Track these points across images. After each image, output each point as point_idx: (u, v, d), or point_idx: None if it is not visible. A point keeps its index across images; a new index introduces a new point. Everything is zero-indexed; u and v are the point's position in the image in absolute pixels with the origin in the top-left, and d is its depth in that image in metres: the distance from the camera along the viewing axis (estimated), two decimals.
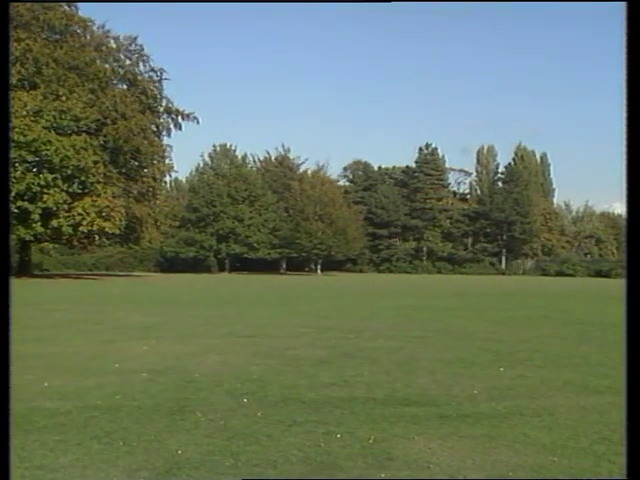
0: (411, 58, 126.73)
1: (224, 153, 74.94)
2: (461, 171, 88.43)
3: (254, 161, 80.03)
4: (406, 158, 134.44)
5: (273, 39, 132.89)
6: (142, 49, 45.98)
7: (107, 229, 39.36)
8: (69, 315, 15.89)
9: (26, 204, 36.39)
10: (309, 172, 77.14)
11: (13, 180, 34.01)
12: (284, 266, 73.00)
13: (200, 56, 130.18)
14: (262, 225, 67.66)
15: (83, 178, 38.26)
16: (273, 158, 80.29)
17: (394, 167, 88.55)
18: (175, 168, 54.15)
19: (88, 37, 44.45)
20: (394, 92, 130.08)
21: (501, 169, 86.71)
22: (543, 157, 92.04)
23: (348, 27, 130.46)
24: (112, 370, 7.94)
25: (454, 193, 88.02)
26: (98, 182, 39.14)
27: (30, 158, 36.38)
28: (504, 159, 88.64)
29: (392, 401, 6.34)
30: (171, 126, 49.10)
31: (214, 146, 75.20)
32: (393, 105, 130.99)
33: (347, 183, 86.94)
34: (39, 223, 37.69)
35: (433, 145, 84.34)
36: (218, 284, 38.89)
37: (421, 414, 5.82)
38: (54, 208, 37.17)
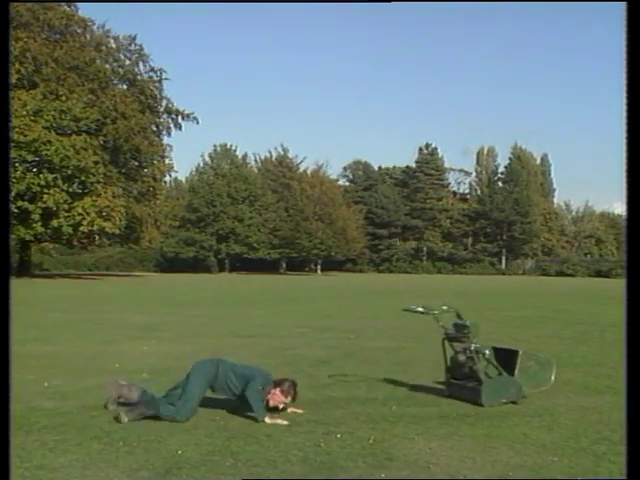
0: (411, 58, 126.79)
1: (224, 153, 74.92)
2: (461, 171, 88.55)
3: (254, 161, 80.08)
4: (406, 158, 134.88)
5: (273, 39, 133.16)
6: (142, 49, 46.04)
7: (107, 229, 39.35)
8: (69, 315, 15.90)
9: (26, 204, 36.41)
10: (308, 172, 77.03)
11: (13, 180, 34.01)
12: (284, 266, 72.96)
13: (200, 56, 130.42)
14: (262, 225, 67.63)
15: (83, 178, 38.25)
16: (273, 158, 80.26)
17: (394, 167, 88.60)
18: (175, 168, 54.20)
19: (88, 37, 44.44)
20: (394, 92, 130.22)
21: (501, 169, 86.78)
22: (543, 157, 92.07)
23: (348, 27, 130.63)
24: (112, 370, 7.93)
25: (454, 193, 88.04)
26: (98, 182, 39.13)
27: (30, 158, 36.37)
28: (504, 160, 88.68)
29: (392, 401, 6.34)
30: (171, 126, 49.17)
31: (214, 146, 75.27)
32: (393, 105, 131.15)
33: (347, 183, 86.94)
34: (39, 223, 37.70)
35: (433, 145, 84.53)
36: (218, 284, 38.86)
37: (421, 414, 5.82)
38: (54, 208, 37.15)
